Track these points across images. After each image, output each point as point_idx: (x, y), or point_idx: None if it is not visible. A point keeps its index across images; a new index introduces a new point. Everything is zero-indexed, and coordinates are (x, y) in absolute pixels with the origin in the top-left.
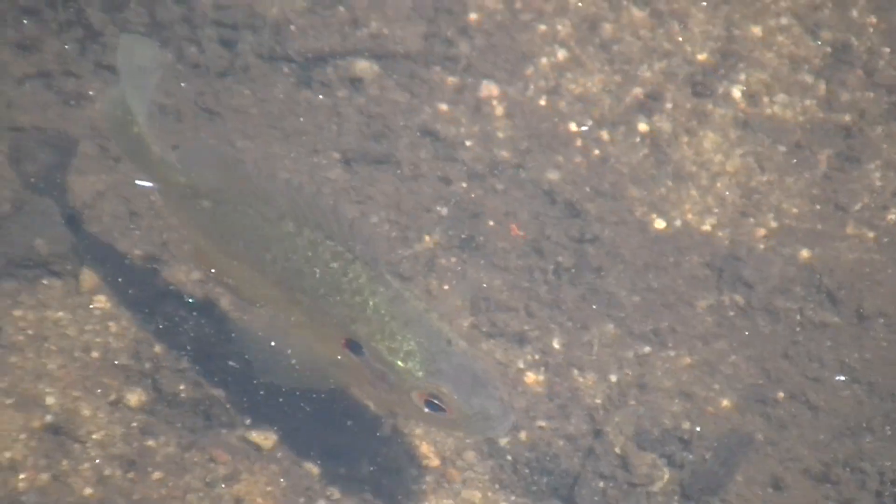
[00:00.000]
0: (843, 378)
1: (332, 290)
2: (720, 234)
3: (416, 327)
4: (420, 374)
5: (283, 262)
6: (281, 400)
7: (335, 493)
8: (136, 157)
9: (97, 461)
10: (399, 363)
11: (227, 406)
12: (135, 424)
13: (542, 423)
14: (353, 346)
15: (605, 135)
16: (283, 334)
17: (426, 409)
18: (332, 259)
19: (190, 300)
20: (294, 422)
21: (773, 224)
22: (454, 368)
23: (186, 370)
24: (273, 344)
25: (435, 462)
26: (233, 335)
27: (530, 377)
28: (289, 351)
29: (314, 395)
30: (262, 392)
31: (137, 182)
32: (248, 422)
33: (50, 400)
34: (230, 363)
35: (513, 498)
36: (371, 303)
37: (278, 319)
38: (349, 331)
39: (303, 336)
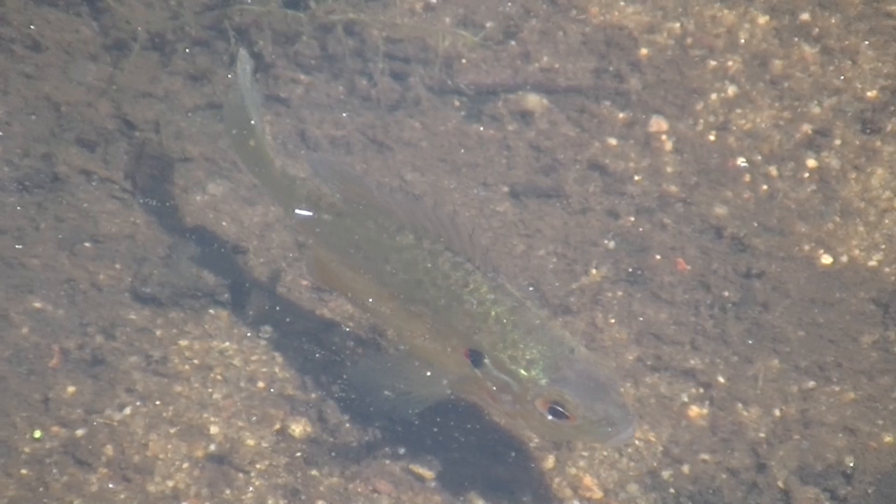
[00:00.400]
0: None
1: (452, 301)
2: (887, 269)
3: (537, 336)
4: (543, 381)
5: (402, 274)
6: (435, 430)
7: None
8: (256, 170)
9: (260, 490)
10: (522, 371)
11: (389, 437)
12: (299, 454)
13: (706, 457)
14: (475, 356)
15: (773, 170)
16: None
17: (549, 417)
18: (453, 270)
19: (348, 329)
20: (454, 453)
21: None
22: (577, 375)
23: (350, 401)
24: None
25: (598, 494)
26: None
27: (694, 410)
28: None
29: (470, 426)
30: (417, 422)
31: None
32: (408, 452)
33: (214, 429)
34: (386, 393)
35: None
36: (493, 313)
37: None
38: (471, 341)
39: (419, 348)
